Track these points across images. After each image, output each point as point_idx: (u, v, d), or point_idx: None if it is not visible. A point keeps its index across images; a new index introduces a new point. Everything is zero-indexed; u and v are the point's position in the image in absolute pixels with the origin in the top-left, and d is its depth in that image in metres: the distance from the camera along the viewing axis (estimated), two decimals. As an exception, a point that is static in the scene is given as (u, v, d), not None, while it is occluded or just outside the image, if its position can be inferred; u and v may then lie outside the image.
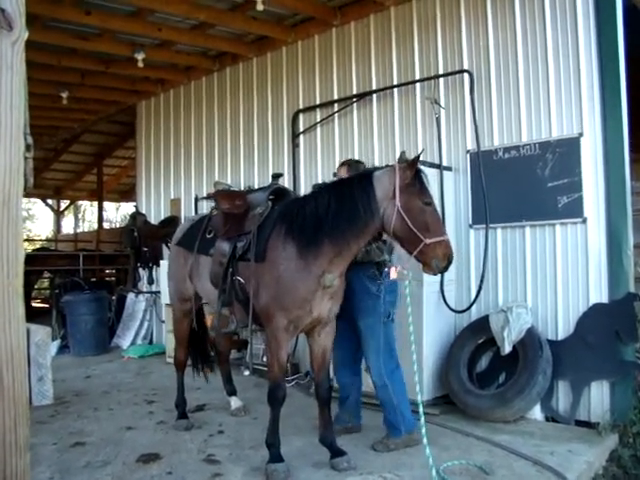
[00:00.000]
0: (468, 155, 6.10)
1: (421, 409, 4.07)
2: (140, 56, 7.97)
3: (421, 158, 6.00)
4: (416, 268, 4.25)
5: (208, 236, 4.97)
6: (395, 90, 6.81)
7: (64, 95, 9.46)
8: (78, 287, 10.61)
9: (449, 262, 4.00)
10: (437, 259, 3.93)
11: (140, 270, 9.76)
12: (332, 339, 4.53)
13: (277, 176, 7.21)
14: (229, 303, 4.63)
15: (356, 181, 4.17)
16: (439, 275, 5.70)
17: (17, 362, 1.52)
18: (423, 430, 3.93)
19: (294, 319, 4.19)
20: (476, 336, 5.75)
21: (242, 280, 4.45)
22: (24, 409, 1.51)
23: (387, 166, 4.31)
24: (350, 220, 4.01)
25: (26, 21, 1.61)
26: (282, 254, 4.19)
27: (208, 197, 8.76)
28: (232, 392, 5.87)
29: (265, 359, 7.40)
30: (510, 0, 5.91)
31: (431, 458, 3.83)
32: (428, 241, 3.88)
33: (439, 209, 5.63)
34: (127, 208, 24.64)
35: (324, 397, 4.45)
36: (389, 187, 3.99)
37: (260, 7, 6.42)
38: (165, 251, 9.25)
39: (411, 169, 3.99)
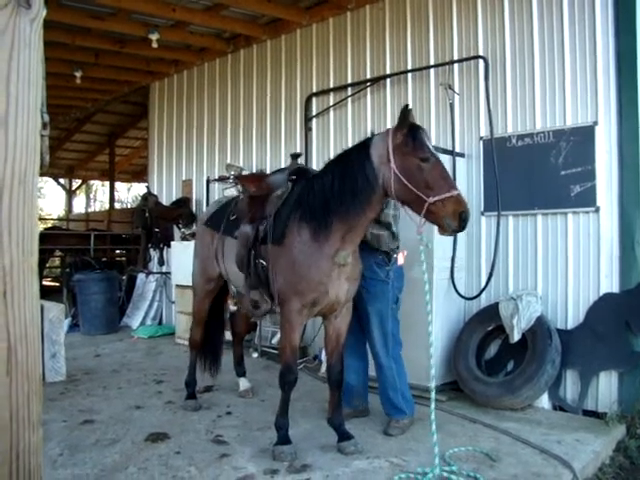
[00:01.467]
0: (481, 142, 6.07)
1: (433, 395, 4.00)
2: (154, 36, 7.96)
3: (434, 144, 6.07)
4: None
5: (233, 218, 4.97)
6: (409, 75, 6.77)
7: (78, 74, 9.48)
8: (89, 266, 10.68)
9: (462, 219, 3.67)
10: (448, 217, 3.66)
11: (151, 251, 9.81)
12: (348, 322, 4.52)
13: (296, 156, 7.19)
14: (256, 286, 4.62)
15: (355, 152, 4.11)
16: (449, 261, 5.75)
17: (31, 338, 1.53)
18: (432, 416, 3.92)
19: (309, 302, 4.17)
20: (485, 323, 5.75)
21: (265, 263, 4.44)
22: (37, 385, 1.53)
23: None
24: (353, 194, 3.95)
25: None
26: (297, 238, 4.18)
27: (220, 179, 8.77)
28: (242, 374, 5.91)
29: (274, 341, 7.47)
30: (527, -15, 5.84)
31: (437, 447, 3.83)
32: (432, 199, 3.66)
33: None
34: (138, 189, 24.80)
35: (336, 380, 4.46)
36: (384, 151, 3.88)
37: (275, -11, 6.39)
38: (176, 232, 9.29)
39: (401, 127, 3.85)
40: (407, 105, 3.93)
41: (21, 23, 1.50)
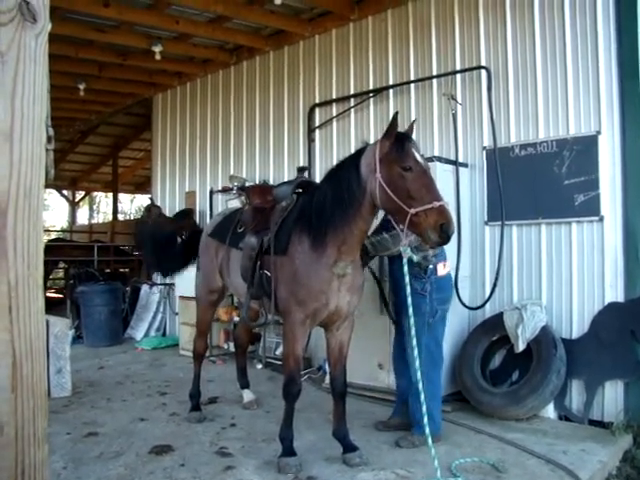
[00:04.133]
0: (484, 152, 6.07)
1: (424, 408, 3.94)
2: (157, 49, 7.99)
3: (436, 154, 6.07)
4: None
5: (239, 230, 4.98)
6: (412, 86, 6.79)
7: (81, 87, 9.52)
8: (92, 278, 10.68)
9: (444, 232, 3.57)
10: (429, 229, 3.57)
11: (155, 262, 9.80)
12: (350, 334, 4.52)
13: (302, 169, 7.22)
14: (258, 296, 4.63)
15: (346, 162, 4.14)
16: (453, 271, 5.72)
17: (36, 354, 1.52)
18: (427, 430, 3.87)
19: (311, 313, 4.17)
20: (490, 333, 5.73)
21: (268, 274, 4.45)
22: (43, 401, 1.52)
23: None
24: (342, 204, 3.96)
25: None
26: (298, 248, 4.21)
27: (223, 190, 8.78)
28: (245, 385, 5.90)
29: (278, 352, 7.46)
30: (529, -4, 5.87)
31: (437, 460, 3.78)
32: (414, 210, 3.59)
33: (453, 206, 5.68)
34: (142, 200, 24.78)
35: (340, 391, 4.45)
36: (371, 160, 3.87)
37: (278, 1, 6.42)
38: (179, 244, 9.27)
39: (389, 136, 3.84)
40: (397, 113, 3.94)
41: (26, 38, 1.51)
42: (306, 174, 7.22)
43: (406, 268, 3.98)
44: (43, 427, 1.51)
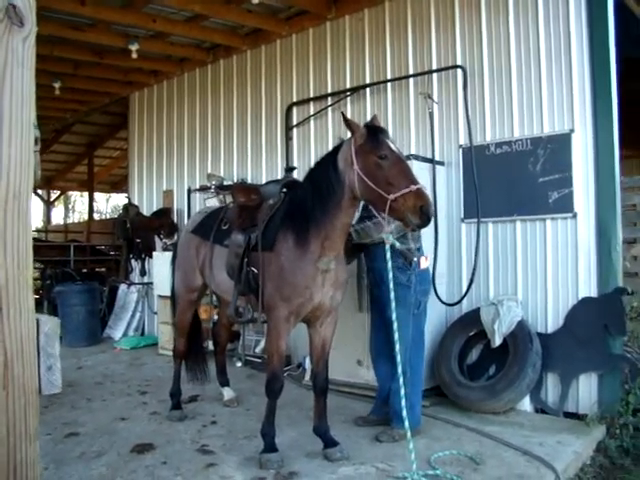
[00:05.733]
0: (461, 150, 6.16)
1: (403, 402, 4.02)
2: (134, 47, 7.97)
3: (413, 152, 6.15)
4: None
5: (224, 227, 5.01)
6: (389, 84, 6.86)
7: (56, 85, 9.43)
8: (69, 278, 10.61)
9: (423, 213, 3.68)
10: (409, 212, 3.69)
11: (132, 261, 9.79)
12: (333, 330, 4.58)
13: (290, 169, 7.29)
14: (244, 293, 4.68)
15: (324, 159, 4.26)
16: (431, 267, 5.79)
17: (27, 352, 1.55)
18: (406, 424, 3.95)
19: (295, 309, 4.24)
20: (467, 329, 5.82)
21: (255, 271, 4.50)
22: (34, 398, 1.55)
23: None
24: (322, 200, 4.06)
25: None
26: (284, 245, 4.28)
27: (201, 189, 8.78)
28: (225, 383, 5.93)
29: (257, 350, 7.50)
30: (504, -4, 5.96)
31: (413, 454, 3.86)
32: (392, 196, 3.71)
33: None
34: (118, 199, 24.63)
35: (321, 387, 4.51)
36: (348, 154, 3.99)
37: (255, 0, 6.44)
38: (158, 243, 9.26)
39: (363, 129, 3.99)
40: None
41: (14, 42, 1.53)
42: (295, 174, 7.30)
43: (389, 255, 4.04)
44: (34, 424, 1.54)
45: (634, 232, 6.79)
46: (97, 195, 24.59)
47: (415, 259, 4.76)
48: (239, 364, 7.55)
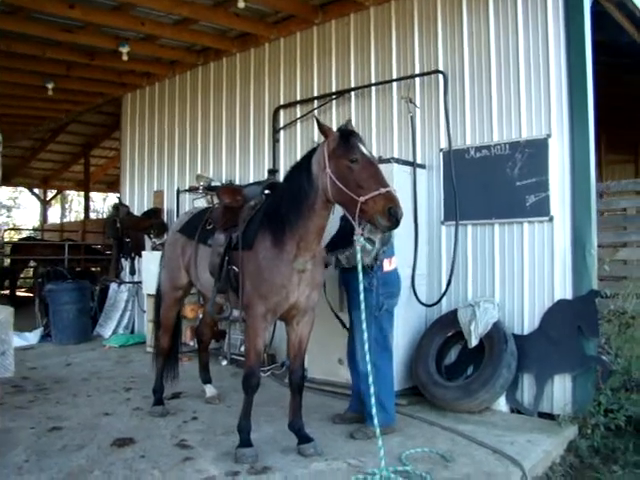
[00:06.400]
0: (441, 153, 6.26)
1: (372, 400, 4.16)
2: (124, 49, 8.06)
3: (396, 155, 6.25)
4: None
5: (208, 227, 5.14)
6: (373, 88, 6.97)
7: (49, 86, 9.52)
8: (61, 276, 10.69)
9: (392, 215, 3.80)
10: (378, 214, 3.81)
11: (122, 260, 9.88)
12: (310, 329, 4.70)
13: (273, 172, 7.40)
14: (224, 290, 4.81)
15: (300, 162, 4.39)
16: (410, 269, 5.91)
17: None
18: (375, 421, 4.11)
19: (272, 307, 4.36)
20: (446, 329, 5.91)
21: (236, 269, 4.62)
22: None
23: None
24: (296, 202, 4.18)
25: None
26: (262, 244, 4.40)
27: (190, 190, 8.88)
28: (207, 380, 6.03)
29: (242, 349, 7.58)
30: (485, 4, 6.07)
31: (382, 449, 3.98)
32: (362, 198, 3.82)
33: (410, 206, 5.87)
34: (114, 199, 24.65)
35: (297, 384, 4.62)
36: (321, 158, 4.10)
37: (241, 4, 6.56)
38: (147, 242, 9.37)
39: (336, 134, 4.11)
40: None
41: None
42: (277, 176, 7.41)
43: (359, 256, 4.16)
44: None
45: (623, 236, 6.86)
46: (94, 194, 24.69)
47: (378, 262, 4.85)
48: (224, 362, 7.64)
